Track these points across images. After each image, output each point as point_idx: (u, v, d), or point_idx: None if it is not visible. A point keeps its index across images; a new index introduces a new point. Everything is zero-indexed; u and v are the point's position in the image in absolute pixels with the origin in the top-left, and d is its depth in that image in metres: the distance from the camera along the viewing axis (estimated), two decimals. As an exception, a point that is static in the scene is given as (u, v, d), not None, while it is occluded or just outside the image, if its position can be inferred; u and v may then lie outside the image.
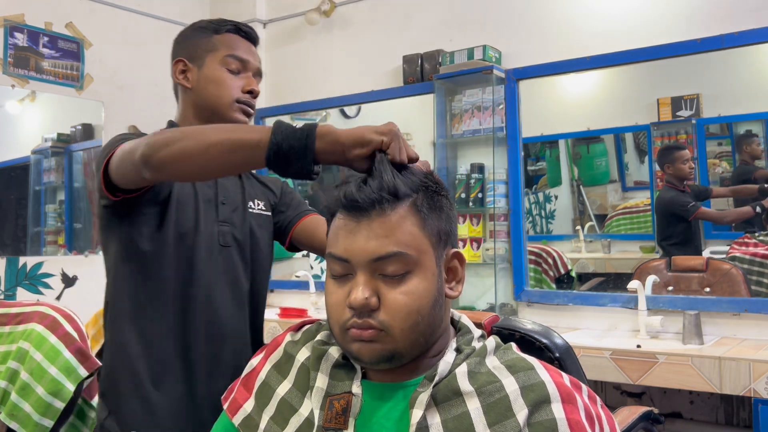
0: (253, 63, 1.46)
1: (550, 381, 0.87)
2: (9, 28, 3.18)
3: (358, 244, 0.87)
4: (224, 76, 1.42)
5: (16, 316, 1.92)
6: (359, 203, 0.87)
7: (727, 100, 2.81)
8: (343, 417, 0.89)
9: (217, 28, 1.50)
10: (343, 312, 0.89)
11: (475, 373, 0.89)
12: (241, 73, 1.44)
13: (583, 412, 0.87)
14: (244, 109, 1.43)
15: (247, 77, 1.44)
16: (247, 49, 1.47)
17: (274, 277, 3.80)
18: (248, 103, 1.44)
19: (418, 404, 0.86)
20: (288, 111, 3.81)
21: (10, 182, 3.35)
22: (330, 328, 0.93)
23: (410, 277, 0.88)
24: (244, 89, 1.42)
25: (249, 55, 1.46)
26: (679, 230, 2.91)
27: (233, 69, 1.43)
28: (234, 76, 1.43)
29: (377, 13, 3.47)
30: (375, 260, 0.87)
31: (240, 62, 1.44)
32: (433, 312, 0.90)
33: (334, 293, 0.90)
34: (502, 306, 2.97)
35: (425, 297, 0.88)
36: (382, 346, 0.87)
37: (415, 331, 0.88)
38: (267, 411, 0.98)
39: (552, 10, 2.92)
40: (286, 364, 1.01)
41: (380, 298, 0.87)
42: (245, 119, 1.44)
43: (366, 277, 0.87)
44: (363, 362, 0.89)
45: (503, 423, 0.84)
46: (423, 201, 0.90)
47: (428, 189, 0.92)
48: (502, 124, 3.01)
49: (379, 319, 0.86)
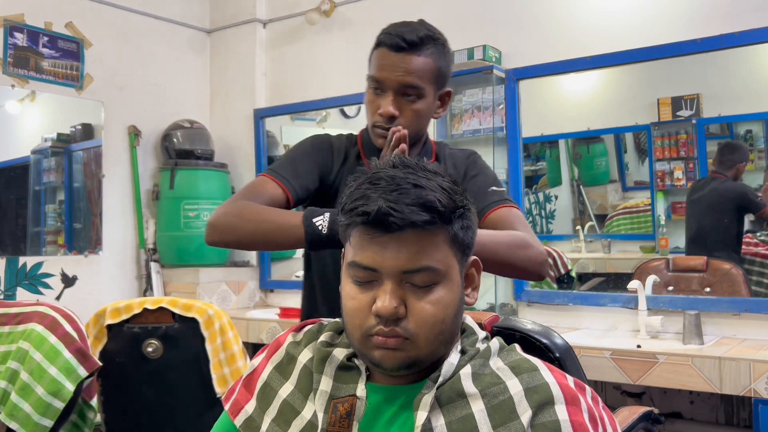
0: (390, 80, 1.38)
1: (554, 382, 0.87)
2: (9, 28, 3.18)
3: (389, 255, 0.85)
4: (368, 98, 1.42)
5: (16, 316, 1.92)
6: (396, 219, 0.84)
7: (727, 100, 2.81)
8: (347, 420, 0.89)
9: (377, 42, 1.44)
10: (366, 318, 0.87)
11: (479, 374, 0.89)
12: (381, 94, 1.40)
13: (586, 414, 0.87)
14: (380, 134, 1.40)
15: (385, 98, 1.39)
16: (389, 63, 1.38)
17: (274, 277, 3.81)
18: (382, 127, 1.39)
19: (423, 406, 0.86)
20: (288, 111, 3.81)
21: (10, 182, 3.35)
22: (348, 333, 0.91)
23: (437, 288, 0.87)
24: (380, 112, 1.39)
25: (387, 71, 1.38)
26: (733, 224, 2.82)
27: (375, 88, 1.41)
28: (376, 98, 1.41)
29: (377, 13, 3.47)
30: (405, 272, 0.86)
31: (376, 82, 1.40)
32: (456, 320, 0.90)
33: (355, 298, 0.89)
34: (502, 306, 2.96)
35: (450, 307, 0.88)
36: (406, 354, 0.87)
37: (438, 339, 0.88)
38: (269, 413, 0.97)
39: (552, 10, 2.92)
40: (288, 366, 1.00)
41: (407, 306, 0.86)
42: (381, 142, 1.40)
43: (394, 286, 0.86)
44: (383, 369, 0.89)
45: (507, 425, 0.83)
46: (456, 219, 0.89)
47: (463, 207, 0.90)
48: (502, 124, 3.01)
49: (406, 328, 0.86)
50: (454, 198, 0.88)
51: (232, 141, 3.93)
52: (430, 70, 1.38)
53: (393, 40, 1.38)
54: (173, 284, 3.61)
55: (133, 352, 2.12)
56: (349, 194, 0.88)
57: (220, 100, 4.02)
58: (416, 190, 0.85)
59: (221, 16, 4.01)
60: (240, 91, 3.92)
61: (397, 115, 1.38)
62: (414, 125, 1.40)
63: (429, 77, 1.39)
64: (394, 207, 0.83)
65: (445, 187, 0.88)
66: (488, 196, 1.42)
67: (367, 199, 0.85)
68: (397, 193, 0.85)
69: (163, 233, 3.65)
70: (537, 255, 1.33)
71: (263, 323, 3.14)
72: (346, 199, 0.89)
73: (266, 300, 3.82)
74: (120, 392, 2.18)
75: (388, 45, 1.38)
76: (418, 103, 1.39)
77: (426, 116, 1.43)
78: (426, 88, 1.39)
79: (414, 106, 1.39)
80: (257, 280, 3.81)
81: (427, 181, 0.87)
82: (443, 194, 0.87)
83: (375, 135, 1.42)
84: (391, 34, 1.39)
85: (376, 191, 0.85)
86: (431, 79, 1.39)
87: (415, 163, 0.91)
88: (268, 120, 3.83)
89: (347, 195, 0.89)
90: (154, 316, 2.12)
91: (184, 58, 3.93)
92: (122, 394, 2.18)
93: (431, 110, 1.44)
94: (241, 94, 3.92)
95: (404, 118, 1.38)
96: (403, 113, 1.38)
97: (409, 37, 1.37)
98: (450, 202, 0.87)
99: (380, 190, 0.85)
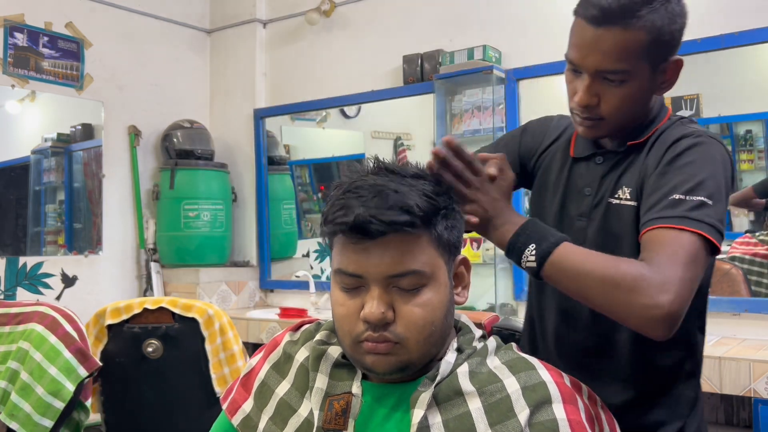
0: (585, 63, 1.08)
1: (551, 381, 0.87)
2: (9, 28, 3.18)
3: (373, 261, 0.86)
4: (567, 77, 1.14)
5: (16, 316, 1.92)
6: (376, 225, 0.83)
7: (727, 100, 2.81)
8: (343, 418, 0.89)
9: (574, 10, 1.13)
10: (355, 324, 0.87)
11: (477, 373, 0.89)
12: (578, 75, 1.11)
13: (583, 413, 0.87)
14: (579, 122, 1.13)
15: (581, 81, 1.10)
16: (584, 41, 1.07)
17: (274, 277, 3.81)
18: (580, 115, 1.12)
19: (419, 404, 0.86)
20: (288, 111, 3.81)
21: (10, 182, 3.35)
22: (339, 339, 0.92)
23: (424, 290, 0.87)
24: (575, 99, 1.12)
25: (581, 51, 1.08)
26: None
27: (572, 69, 1.12)
28: (573, 78, 1.12)
29: (377, 13, 3.47)
30: (391, 277, 0.86)
31: (571, 62, 1.11)
32: (446, 321, 0.90)
33: (344, 305, 0.89)
34: (502, 306, 2.96)
35: (439, 308, 0.88)
36: (397, 358, 0.87)
37: (429, 342, 0.88)
38: (266, 411, 0.98)
39: (552, 10, 2.91)
40: (285, 365, 1.00)
41: (395, 310, 0.86)
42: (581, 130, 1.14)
43: (380, 291, 0.86)
44: (376, 373, 0.89)
45: (505, 423, 0.84)
46: (440, 220, 0.89)
47: (446, 208, 0.90)
48: (502, 124, 3.01)
49: (395, 333, 0.86)
50: (435, 200, 0.88)
51: (232, 141, 3.93)
52: (639, 45, 1.04)
53: (589, 11, 1.05)
54: (173, 284, 3.62)
55: (133, 352, 2.12)
56: (331, 205, 0.88)
57: (220, 100, 4.02)
58: (396, 196, 0.85)
59: (221, 16, 4.01)
60: (240, 91, 3.92)
61: (593, 105, 1.09)
62: (620, 112, 1.09)
63: (639, 53, 1.05)
64: (374, 213, 0.83)
65: (427, 191, 0.88)
66: (658, 206, 1.01)
67: (347, 209, 0.85)
68: (377, 199, 0.85)
69: (163, 233, 3.66)
70: (645, 306, 0.91)
71: (263, 323, 3.14)
72: (327, 209, 0.89)
73: (266, 300, 3.82)
74: (120, 392, 2.18)
75: (583, 16, 1.07)
76: (624, 87, 1.07)
77: (639, 99, 1.10)
78: (634, 68, 1.06)
79: (618, 90, 1.08)
80: (257, 280, 3.81)
81: (408, 187, 0.87)
82: (422, 198, 0.87)
83: (574, 121, 1.16)
84: (589, 1, 1.06)
85: (358, 200, 0.85)
86: (642, 55, 1.05)
87: (397, 168, 0.91)
88: (268, 120, 3.83)
89: (329, 206, 0.89)
90: (154, 316, 2.12)
91: (184, 58, 3.93)
92: (122, 394, 2.18)
93: (648, 88, 1.10)
94: (241, 94, 3.92)
95: (606, 105, 1.09)
96: (604, 99, 1.09)
97: (609, 4, 1.03)
98: (429, 205, 0.87)
99: (361, 198, 0.85)
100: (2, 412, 1.83)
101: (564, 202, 1.20)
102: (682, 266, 0.94)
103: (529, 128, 1.32)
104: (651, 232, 0.99)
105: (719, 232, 0.98)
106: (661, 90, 1.13)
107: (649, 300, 0.91)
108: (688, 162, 1.04)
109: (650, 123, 1.15)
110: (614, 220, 1.13)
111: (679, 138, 1.08)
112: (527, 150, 1.29)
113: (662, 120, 1.15)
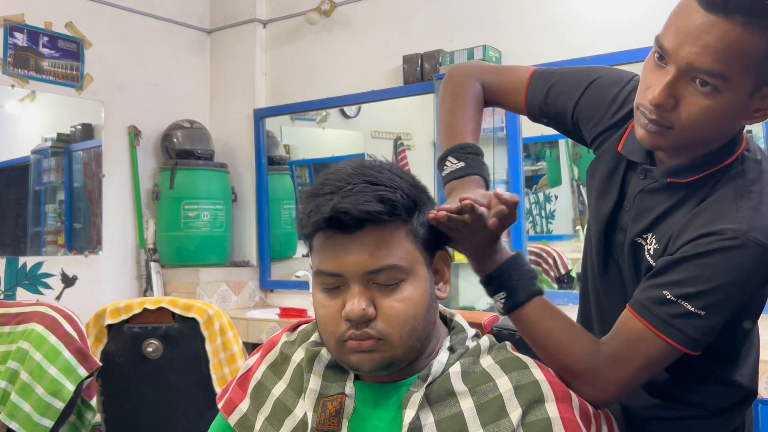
0: (678, 55, 0.88)
1: (544, 380, 0.87)
2: (9, 28, 3.19)
3: (351, 258, 0.86)
4: (647, 64, 0.96)
5: (16, 316, 1.92)
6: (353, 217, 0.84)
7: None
8: (337, 418, 0.89)
9: None
10: (338, 324, 0.87)
11: (469, 372, 0.89)
12: (663, 66, 0.92)
13: (578, 411, 0.87)
14: (642, 123, 0.95)
15: (663, 75, 0.91)
16: (688, 27, 0.88)
17: (274, 277, 3.81)
18: (645, 115, 0.94)
19: (411, 404, 0.86)
20: (288, 111, 3.81)
21: (10, 182, 3.35)
22: (324, 341, 0.92)
23: (403, 285, 0.87)
24: (648, 97, 0.93)
25: (678, 38, 0.89)
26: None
27: (658, 55, 0.93)
28: (654, 68, 0.94)
29: (377, 13, 3.47)
30: (370, 272, 0.86)
31: (661, 48, 0.92)
32: (428, 316, 0.90)
33: (325, 306, 0.89)
34: (502, 306, 2.96)
35: (420, 303, 0.88)
36: (381, 355, 0.87)
37: (413, 336, 0.88)
38: (262, 411, 0.98)
39: (552, 10, 2.92)
40: (282, 365, 1.01)
41: (376, 307, 0.86)
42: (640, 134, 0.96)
43: (360, 288, 0.86)
44: (362, 372, 0.89)
45: (497, 423, 0.84)
46: (416, 214, 0.90)
47: (422, 202, 0.91)
48: (502, 124, 3.01)
49: (377, 329, 0.86)
50: (410, 192, 0.89)
51: (232, 141, 3.93)
52: (754, 52, 0.85)
53: None
54: (173, 284, 3.62)
55: (133, 352, 2.12)
56: (305, 205, 0.88)
57: (220, 100, 4.02)
58: (371, 187, 0.86)
59: (221, 16, 4.01)
60: (240, 91, 3.92)
61: (668, 108, 0.90)
62: (695, 127, 0.91)
63: (748, 62, 0.86)
64: (350, 204, 0.84)
65: (402, 185, 0.88)
66: (650, 292, 0.93)
67: (323, 205, 0.85)
68: (350, 190, 0.85)
69: (163, 233, 3.66)
70: (583, 393, 0.92)
71: (263, 323, 3.14)
72: (302, 209, 0.89)
73: (266, 300, 3.83)
74: (120, 392, 2.18)
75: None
76: (712, 97, 0.88)
77: (724, 119, 0.91)
78: (735, 78, 0.87)
79: (704, 100, 0.89)
80: (257, 280, 3.81)
81: (383, 182, 0.87)
82: (396, 190, 0.87)
83: (635, 120, 0.97)
84: None
85: (332, 194, 0.85)
86: (751, 66, 0.86)
87: (376, 163, 0.91)
88: (268, 120, 3.83)
89: (303, 206, 0.89)
90: (154, 316, 2.12)
91: (184, 58, 3.93)
92: (122, 394, 2.18)
93: (739, 110, 0.91)
94: (241, 94, 3.92)
95: (683, 113, 0.90)
96: (683, 104, 0.90)
97: None
98: (404, 197, 0.87)
99: (335, 194, 0.85)
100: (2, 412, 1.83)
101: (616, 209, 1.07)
102: (634, 370, 0.93)
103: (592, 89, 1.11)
104: (629, 315, 0.94)
105: (698, 342, 0.91)
106: (753, 119, 0.94)
107: (588, 390, 0.92)
108: (706, 264, 0.90)
109: (718, 156, 0.97)
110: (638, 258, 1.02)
111: (713, 233, 0.90)
112: (583, 116, 1.12)
113: (733, 154, 0.97)
